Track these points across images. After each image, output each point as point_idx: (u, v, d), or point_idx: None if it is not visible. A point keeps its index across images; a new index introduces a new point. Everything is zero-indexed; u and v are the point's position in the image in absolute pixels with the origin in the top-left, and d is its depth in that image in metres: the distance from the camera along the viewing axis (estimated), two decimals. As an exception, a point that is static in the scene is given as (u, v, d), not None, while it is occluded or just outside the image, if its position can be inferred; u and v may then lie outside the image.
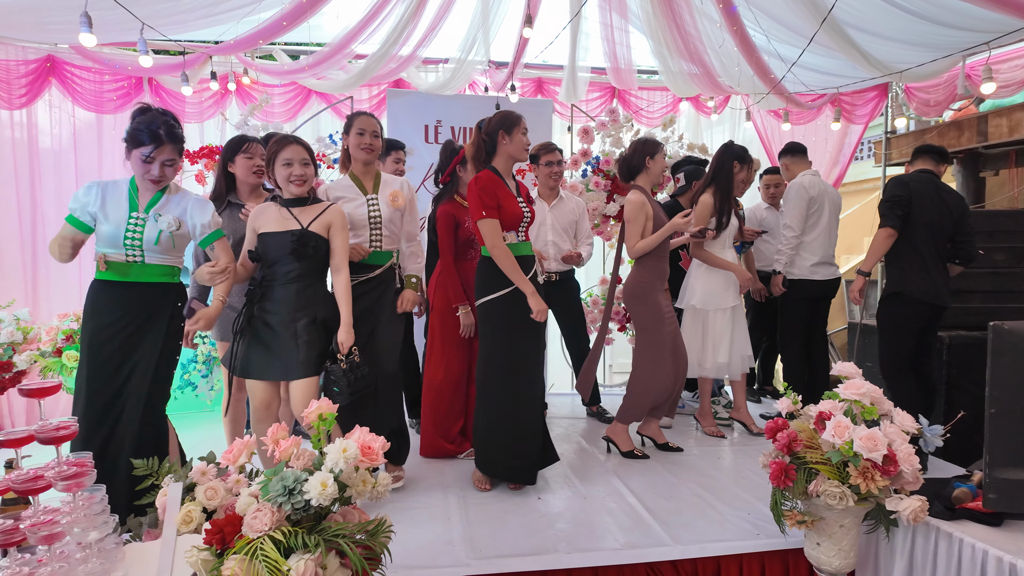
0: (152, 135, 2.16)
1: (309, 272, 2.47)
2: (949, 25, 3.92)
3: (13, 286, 4.10)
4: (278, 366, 2.41)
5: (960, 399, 3.48)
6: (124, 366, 2.25)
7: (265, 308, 2.44)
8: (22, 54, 4.16)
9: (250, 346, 2.44)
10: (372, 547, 1.56)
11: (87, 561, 1.53)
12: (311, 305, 2.45)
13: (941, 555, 1.97)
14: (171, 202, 2.29)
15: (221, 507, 1.68)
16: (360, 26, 4.14)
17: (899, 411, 2.02)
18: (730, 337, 3.53)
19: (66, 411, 4.14)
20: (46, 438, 1.59)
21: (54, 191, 4.29)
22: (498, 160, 2.76)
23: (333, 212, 2.51)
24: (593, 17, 4.56)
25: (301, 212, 2.48)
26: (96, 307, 2.24)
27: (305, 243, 2.41)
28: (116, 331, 2.22)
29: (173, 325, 2.35)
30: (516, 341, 2.71)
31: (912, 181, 3.15)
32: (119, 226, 2.19)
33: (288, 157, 2.40)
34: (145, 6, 3.62)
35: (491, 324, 2.74)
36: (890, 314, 3.18)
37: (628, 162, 3.22)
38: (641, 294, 3.18)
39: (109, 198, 2.22)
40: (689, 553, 2.28)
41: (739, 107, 5.64)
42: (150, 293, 2.27)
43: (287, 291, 2.43)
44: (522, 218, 2.76)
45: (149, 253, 2.24)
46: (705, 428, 3.70)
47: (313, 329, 2.43)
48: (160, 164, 2.21)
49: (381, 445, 1.65)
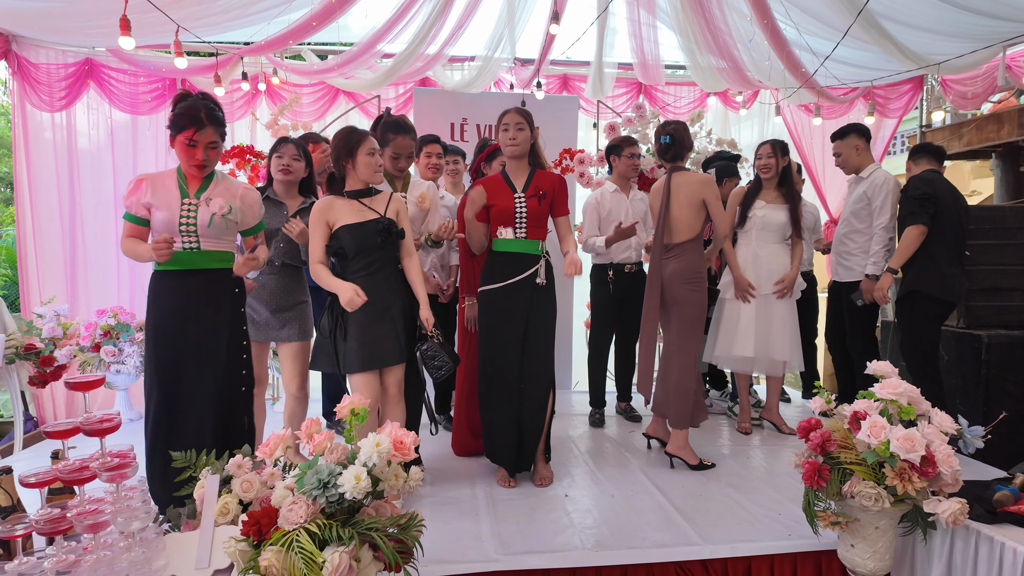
0: (193, 118, 2.19)
1: (389, 260, 2.55)
2: (989, 15, 3.81)
3: (56, 282, 4.23)
4: (380, 355, 2.48)
5: (1000, 399, 3.39)
6: (191, 354, 2.25)
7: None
8: (62, 57, 4.28)
9: (349, 342, 2.47)
10: (404, 540, 1.58)
11: (130, 550, 1.58)
12: (399, 291, 2.55)
13: (982, 559, 1.92)
14: (219, 187, 2.32)
15: (256, 499, 1.72)
16: (388, 26, 4.17)
17: (937, 411, 1.97)
18: (755, 331, 3.45)
19: (104, 405, 4.26)
20: (91, 430, 1.64)
21: (92, 191, 4.40)
22: (505, 160, 2.88)
23: (398, 200, 2.60)
24: (620, 13, 4.53)
25: (373, 202, 2.54)
26: (157, 298, 2.27)
27: (391, 230, 2.47)
28: (178, 320, 2.24)
29: (235, 310, 2.36)
30: (487, 336, 2.81)
31: (935, 179, 3.14)
32: (173, 213, 2.22)
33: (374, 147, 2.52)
34: (180, 8, 3.70)
35: (480, 316, 2.89)
36: (910, 313, 3.15)
37: (683, 142, 3.08)
38: (698, 279, 3.04)
39: (159, 188, 2.25)
40: (719, 553, 2.26)
41: (768, 102, 5.54)
42: (208, 279, 2.28)
43: (375, 280, 2.48)
44: (514, 213, 2.75)
45: (204, 239, 2.25)
46: (739, 425, 3.67)
47: (405, 314, 2.54)
48: (204, 147, 2.23)
49: (413, 440, 1.67)
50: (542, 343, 2.79)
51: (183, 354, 2.24)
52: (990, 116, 5.29)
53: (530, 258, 2.77)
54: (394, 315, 2.51)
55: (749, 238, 3.54)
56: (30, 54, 4.16)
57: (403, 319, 2.54)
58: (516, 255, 2.77)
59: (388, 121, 2.75)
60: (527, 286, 2.75)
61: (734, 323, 3.52)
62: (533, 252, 2.78)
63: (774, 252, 3.51)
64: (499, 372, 2.78)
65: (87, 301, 4.34)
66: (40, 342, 3.53)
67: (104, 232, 4.41)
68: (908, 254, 3.12)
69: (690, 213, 3.04)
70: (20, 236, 4.15)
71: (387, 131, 2.74)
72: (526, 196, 2.77)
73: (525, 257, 2.77)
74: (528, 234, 2.76)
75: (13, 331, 3.50)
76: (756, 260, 3.51)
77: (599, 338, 3.85)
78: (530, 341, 2.77)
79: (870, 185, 3.38)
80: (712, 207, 3.03)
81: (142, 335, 3.93)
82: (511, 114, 2.77)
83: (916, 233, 3.09)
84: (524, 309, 2.76)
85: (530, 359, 2.77)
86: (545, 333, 2.81)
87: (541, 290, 2.78)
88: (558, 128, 4.65)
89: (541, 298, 2.78)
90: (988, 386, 3.43)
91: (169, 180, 2.28)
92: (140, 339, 3.91)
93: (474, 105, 4.65)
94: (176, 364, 2.24)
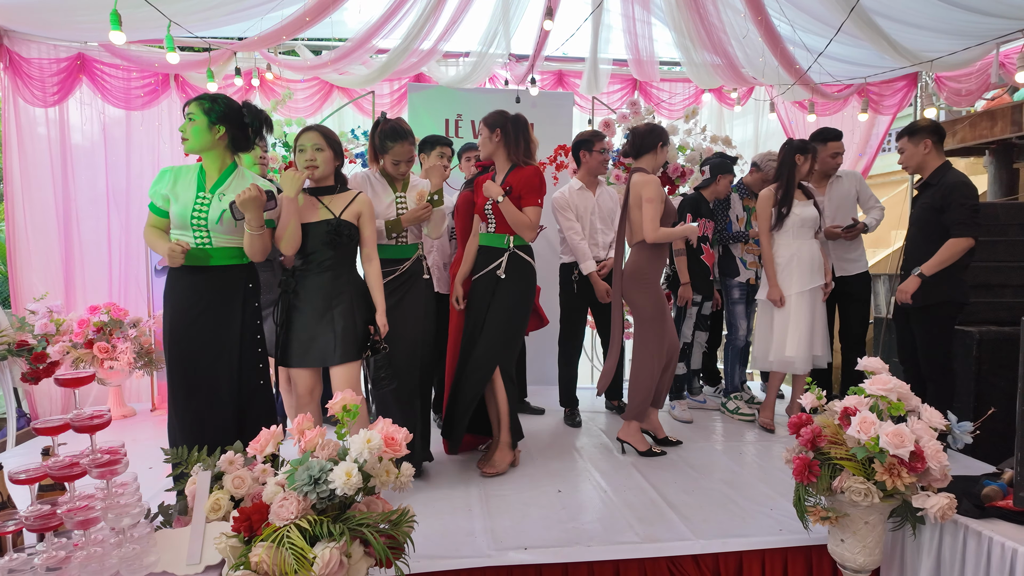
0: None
1: (342, 260, 2.52)
2: (983, 12, 3.81)
3: (48, 278, 4.21)
4: (316, 354, 2.47)
5: (991, 395, 3.41)
6: (207, 351, 2.26)
7: (300, 297, 2.50)
8: (53, 52, 4.25)
9: (289, 335, 2.50)
10: (395, 536, 1.58)
11: (121, 546, 1.57)
12: (345, 292, 2.51)
13: (970, 553, 1.94)
14: (235, 183, 2.31)
15: (248, 495, 1.72)
16: (382, 21, 4.16)
17: (927, 407, 1.98)
18: (803, 329, 3.44)
19: (97, 401, 4.25)
20: (81, 426, 1.63)
21: (85, 187, 4.38)
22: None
23: (362, 202, 2.55)
24: (615, 9, 4.52)
25: (331, 201, 2.52)
26: (172, 294, 2.28)
27: (340, 232, 2.46)
28: (194, 316, 2.25)
29: (248, 306, 2.36)
30: (465, 321, 3.05)
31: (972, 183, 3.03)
32: (187, 206, 2.22)
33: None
34: (172, 3, 3.67)
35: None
36: (943, 323, 3.08)
37: (641, 138, 3.14)
38: (643, 281, 3.12)
39: (180, 180, 2.27)
40: (711, 548, 2.28)
41: (763, 98, 5.54)
42: (222, 276, 2.28)
43: (321, 279, 2.48)
44: (483, 207, 2.96)
45: (215, 235, 2.25)
46: (760, 420, 3.70)
47: (348, 316, 2.49)
48: (186, 116, 2.26)
49: (404, 436, 1.67)
50: (493, 327, 2.91)
51: (199, 350, 2.25)
52: (984, 113, 5.31)
53: (496, 251, 2.95)
54: (334, 316, 2.47)
55: (788, 237, 3.51)
56: (22, 49, 4.13)
57: (344, 320, 2.48)
58: (486, 248, 3.00)
59: (385, 129, 2.74)
60: (492, 278, 2.94)
61: (784, 325, 3.49)
62: (499, 246, 2.95)
63: (812, 247, 3.52)
64: (464, 355, 2.97)
65: (82, 297, 4.32)
66: (33, 338, 3.52)
67: (97, 228, 4.39)
68: (947, 264, 2.97)
69: (638, 214, 3.09)
70: (11, 232, 4.13)
71: (385, 139, 2.74)
72: (501, 189, 2.89)
73: (493, 250, 2.97)
74: (497, 228, 2.95)
75: (5, 327, 3.49)
76: (799, 258, 3.49)
77: (566, 338, 3.82)
78: (485, 327, 2.92)
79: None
80: (643, 208, 3.03)
81: (135, 332, 3.93)
82: (481, 125, 2.99)
83: (965, 246, 2.94)
84: (486, 300, 2.94)
85: (482, 340, 2.91)
86: (498, 320, 2.92)
87: (503, 283, 2.92)
88: (553, 124, 4.65)
89: (502, 290, 2.93)
90: (979, 382, 3.46)
91: (191, 174, 2.30)
92: (133, 335, 3.90)
93: (469, 101, 4.64)
94: (192, 360, 2.25)
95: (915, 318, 3.15)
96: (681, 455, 3.20)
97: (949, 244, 2.97)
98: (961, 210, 2.94)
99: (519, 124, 2.93)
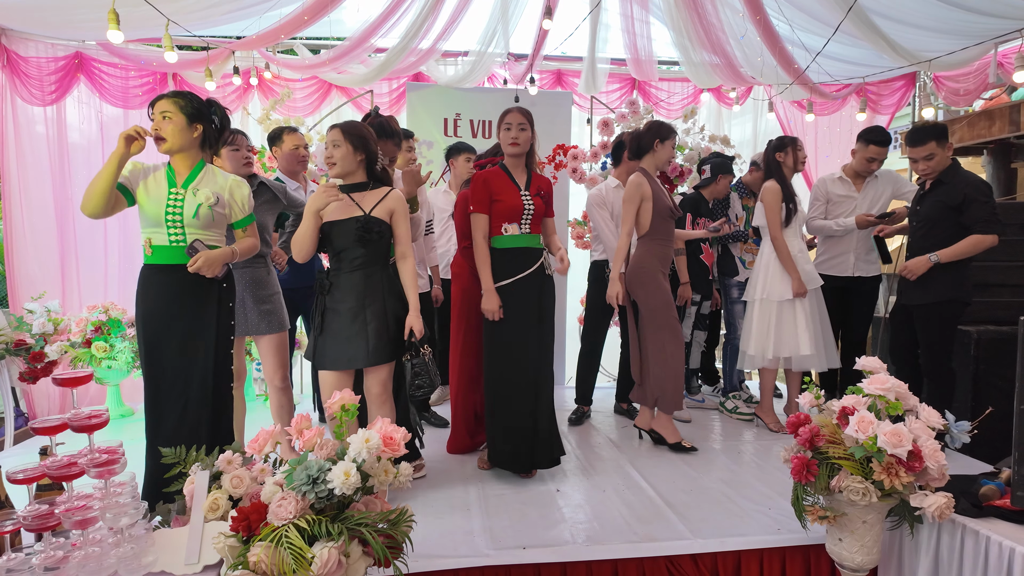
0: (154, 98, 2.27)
1: (374, 258, 2.48)
2: (981, 12, 3.82)
3: (46, 277, 4.20)
4: (349, 355, 2.43)
5: (988, 394, 3.41)
6: (181, 350, 2.24)
7: (334, 297, 2.46)
8: (51, 51, 4.24)
9: (324, 336, 2.46)
10: (393, 536, 1.58)
11: (119, 546, 1.57)
12: (380, 292, 2.47)
13: (968, 553, 1.94)
14: (207, 178, 2.30)
15: (246, 495, 1.72)
16: (380, 20, 4.15)
17: (925, 407, 1.98)
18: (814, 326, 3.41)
19: (95, 400, 4.24)
20: (79, 426, 1.63)
21: (83, 185, 4.35)
22: (506, 157, 2.89)
23: (394, 198, 2.50)
24: (613, 8, 4.52)
25: (363, 198, 2.48)
26: (146, 292, 2.25)
27: (369, 229, 2.41)
28: (167, 315, 2.23)
29: (223, 304, 2.34)
30: (501, 329, 2.80)
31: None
32: (160, 203, 2.21)
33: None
34: (171, 2, 3.67)
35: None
36: (947, 321, 3.09)
37: (638, 140, 3.20)
38: (645, 277, 3.16)
39: (152, 176, 2.26)
40: (709, 547, 2.28)
41: (762, 98, 5.55)
42: (196, 274, 2.25)
43: (352, 278, 2.45)
44: (522, 210, 2.82)
45: (190, 230, 2.24)
46: (769, 424, 3.64)
47: (381, 316, 2.45)
48: (160, 114, 2.21)
49: (403, 436, 1.67)
50: (552, 331, 2.91)
51: (171, 348, 2.23)
52: (982, 113, 5.31)
53: (536, 251, 2.89)
54: (367, 317, 2.43)
55: (790, 235, 3.48)
56: (19, 47, 4.12)
57: (378, 321, 2.44)
58: (523, 249, 2.86)
59: (372, 125, 2.70)
60: (538, 277, 2.86)
61: (792, 323, 3.44)
62: (537, 246, 2.91)
63: (804, 245, 3.55)
64: (516, 364, 2.79)
65: (79, 296, 4.32)
66: (30, 338, 3.51)
67: (94, 227, 4.39)
68: (965, 256, 2.97)
69: (624, 210, 3.15)
70: (8, 230, 4.12)
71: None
72: (531, 194, 2.85)
73: (531, 251, 2.87)
74: (531, 230, 2.88)
75: (3, 327, 3.48)
76: (803, 255, 3.49)
77: (593, 335, 3.83)
78: (545, 328, 2.86)
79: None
80: (622, 210, 3.14)
81: (133, 330, 3.92)
82: (514, 113, 2.80)
83: (989, 243, 2.94)
84: (537, 299, 2.85)
85: (546, 347, 2.87)
86: (553, 322, 2.93)
87: (550, 280, 2.91)
88: (552, 124, 4.65)
89: (550, 288, 2.91)
90: (976, 381, 3.46)
91: (161, 172, 2.29)
92: (131, 335, 3.89)
93: (468, 100, 4.64)
94: (165, 358, 2.23)
95: (919, 316, 3.15)
96: (680, 455, 3.20)
97: (973, 239, 2.97)
98: (983, 207, 2.95)
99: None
